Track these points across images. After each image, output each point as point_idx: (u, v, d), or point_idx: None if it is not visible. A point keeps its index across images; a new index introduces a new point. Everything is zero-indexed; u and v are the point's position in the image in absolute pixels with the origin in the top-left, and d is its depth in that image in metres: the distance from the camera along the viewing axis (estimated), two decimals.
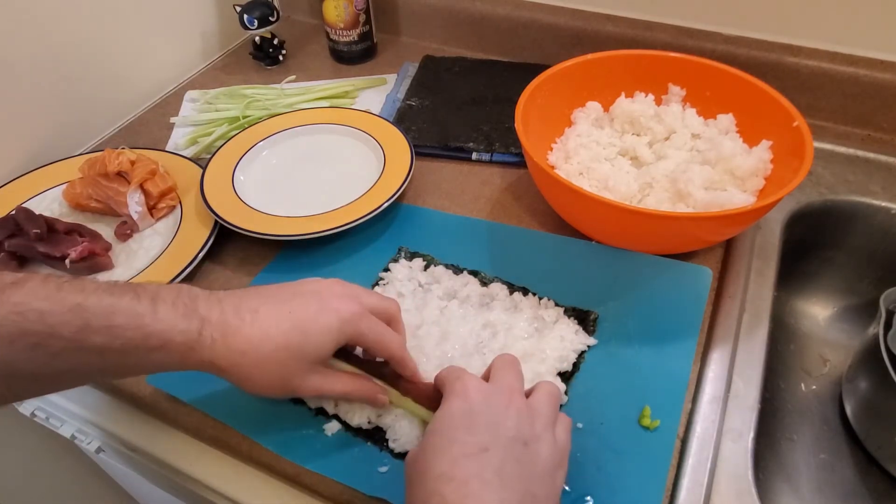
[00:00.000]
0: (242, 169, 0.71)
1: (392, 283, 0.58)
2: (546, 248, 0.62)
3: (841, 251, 0.72)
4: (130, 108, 0.87)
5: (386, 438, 0.47)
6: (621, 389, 0.50)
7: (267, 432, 0.49)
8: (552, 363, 0.50)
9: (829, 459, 0.64)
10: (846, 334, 0.75)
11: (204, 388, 0.51)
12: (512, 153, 0.74)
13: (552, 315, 0.54)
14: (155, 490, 0.69)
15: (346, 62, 0.94)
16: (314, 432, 0.49)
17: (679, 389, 0.50)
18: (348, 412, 0.49)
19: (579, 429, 0.47)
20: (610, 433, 0.47)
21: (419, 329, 0.53)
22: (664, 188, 0.61)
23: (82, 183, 0.68)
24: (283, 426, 0.49)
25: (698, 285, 0.57)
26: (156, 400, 0.53)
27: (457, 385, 0.41)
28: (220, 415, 0.50)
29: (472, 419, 0.39)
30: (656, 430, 0.47)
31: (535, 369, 0.50)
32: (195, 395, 0.51)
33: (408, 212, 0.68)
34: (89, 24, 0.79)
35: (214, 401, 0.51)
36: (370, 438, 0.48)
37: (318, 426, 0.49)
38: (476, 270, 0.59)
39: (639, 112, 0.68)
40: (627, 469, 0.45)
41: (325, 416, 0.49)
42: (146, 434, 0.55)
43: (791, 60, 0.74)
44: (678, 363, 0.52)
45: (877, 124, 0.74)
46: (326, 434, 0.48)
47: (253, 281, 0.62)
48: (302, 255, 0.63)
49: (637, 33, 0.80)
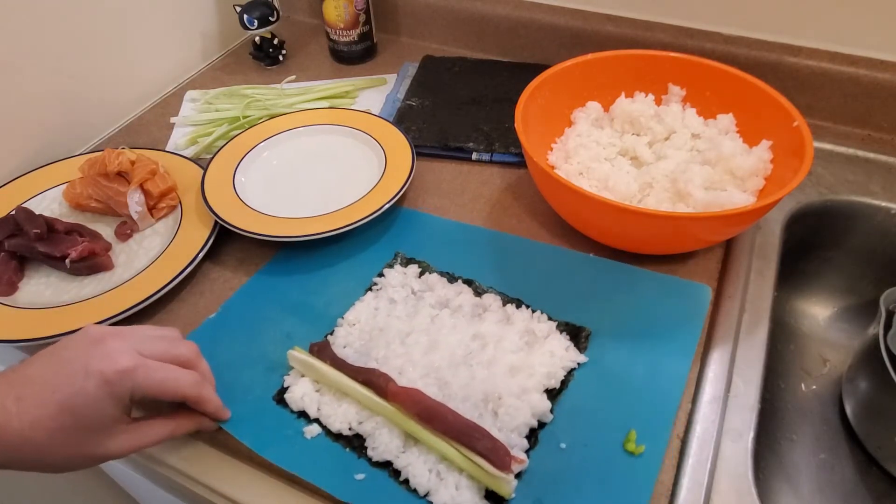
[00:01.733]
0: (243, 170, 0.71)
1: (385, 289, 0.58)
2: (544, 259, 0.61)
3: (841, 251, 0.72)
4: (130, 108, 0.87)
5: (365, 446, 0.47)
6: (608, 411, 0.49)
7: (246, 429, 0.49)
8: (540, 379, 0.49)
9: (829, 459, 0.64)
10: (846, 334, 0.75)
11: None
12: (512, 153, 0.74)
13: (544, 329, 0.53)
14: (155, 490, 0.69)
15: (346, 62, 0.94)
16: (293, 433, 0.49)
17: (668, 415, 0.48)
18: (329, 416, 0.49)
19: (562, 449, 0.47)
20: (593, 455, 0.46)
21: (408, 337, 0.53)
22: (664, 188, 0.61)
23: (82, 183, 0.68)
24: (264, 425, 0.49)
25: (697, 304, 0.56)
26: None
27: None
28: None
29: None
30: (640, 455, 0.46)
31: (522, 384, 0.49)
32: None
33: (407, 215, 0.67)
34: (89, 24, 0.79)
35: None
36: (349, 445, 0.48)
37: (299, 428, 0.49)
38: (470, 279, 0.59)
39: (639, 112, 0.68)
40: (607, 494, 0.44)
41: (307, 419, 0.50)
42: None
43: (791, 60, 0.74)
44: (669, 387, 0.50)
45: (877, 124, 0.74)
46: (306, 437, 0.48)
47: (249, 282, 0.62)
48: (301, 256, 0.63)
49: (637, 33, 0.80)
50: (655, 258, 0.60)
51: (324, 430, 0.49)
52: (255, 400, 0.51)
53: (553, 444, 0.47)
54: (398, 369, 0.50)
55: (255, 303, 0.59)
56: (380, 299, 0.57)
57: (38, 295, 0.61)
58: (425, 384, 0.49)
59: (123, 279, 0.61)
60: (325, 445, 0.48)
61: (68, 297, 0.61)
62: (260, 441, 0.48)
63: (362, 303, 0.57)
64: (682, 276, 0.59)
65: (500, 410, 0.47)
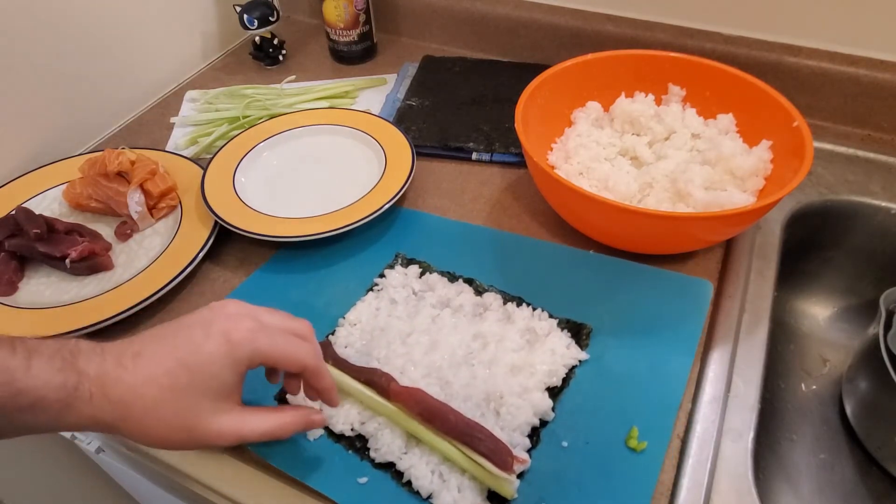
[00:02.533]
0: (243, 170, 0.71)
1: (386, 290, 0.58)
2: (544, 257, 0.61)
3: (841, 251, 0.72)
4: (130, 108, 0.87)
5: (368, 447, 0.47)
6: (610, 408, 0.49)
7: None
8: (541, 377, 0.49)
9: (829, 459, 0.64)
10: (846, 334, 0.75)
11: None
12: (512, 153, 0.74)
13: (545, 327, 0.53)
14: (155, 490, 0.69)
15: (346, 62, 0.94)
16: (296, 436, 0.48)
17: (670, 412, 0.48)
18: (332, 417, 0.48)
19: (564, 447, 0.47)
20: (595, 453, 0.46)
21: (409, 337, 0.53)
22: (664, 188, 0.61)
23: (82, 183, 0.68)
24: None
25: (698, 300, 0.56)
26: None
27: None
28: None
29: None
30: (643, 452, 0.46)
31: (523, 383, 0.49)
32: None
33: (407, 215, 0.67)
34: (89, 24, 0.79)
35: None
36: (352, 446, 0.48)
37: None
38: (471, 278, 0.59)
39: (639, 112, 0.68)
40: (610, 492, 0.44)
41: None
42: None
43: (791, 60, 0.74)
44: (671, 383, 0.50)
45: (877, 124, 0.74)
46: (308, 438, 0.48)
47: (247, 281, 0.62)
48: (300, 256, 0.63)
49: (637, 33, 0.80)
50: (655, 258, 0.60)
51: (326, 431, 0.49)
52: (256, 401, 0.51)
53: (555, 442, 0.47)
54: (399, 369, 0.50)
55: (255, 303, 0.58)
56: (381, 299, 0.57)
57: (38, 295, 0.61)
58: (427, 384, 0.49)
59: (123, 279, 0.61)
60: (328, 447, 0.48)
61: (68, 297, 0.61)
62: (263, 444, 0.48)
63: (363, 303, 0.57)
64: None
65: (501, 409, 0.47)
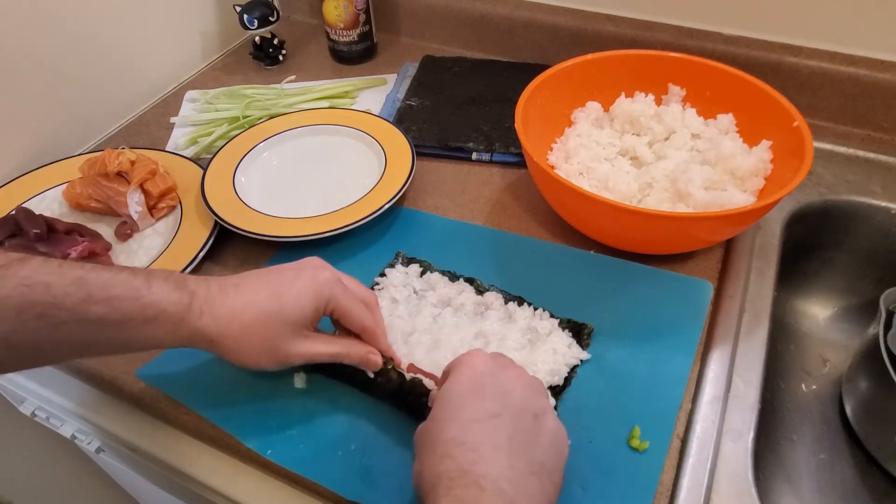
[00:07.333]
0: (243, 170, 0.71)
1: (387, 289, 0.58)
2: (545, 257, 0.61)
3: (841, 251, 0.72)
4: (130, 108, 0.87)
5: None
6: (612, 407, 0.49)
7: (250, 430, 0.49)
8: (543, 377, 0.49)
9: (829, 459, 0.64)
10: (846, 334, 0.75)
11: (193, 386, 0.52)
12: (512, 153, 0.74)
13: (546, 327, 0.53)
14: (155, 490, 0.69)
15: (346, 62, 0.94)
16: (297, 434, 0.48)
17: (671, 411, 0.48)
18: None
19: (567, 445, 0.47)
20: (597, 452, 0.46)
21: (410, 336, 0.53)
22: (664, 188, 0.61)
23: (82, 183, 0.68)
24: (267, 426, 0.49)
25: (698, 300, 0.56)
26: (155, 399, 0.53)
27: (465, 358, 0.43)
28: (197, 407, 0.51)
29: (480, 387, 0.40)
30: (645, 452, 0.46)
31: None
32: (186, 393, 0.52)
33: (407, 215, 0.67)
34: (89, 24, 0.79)
35: (193, 394, 0.52)
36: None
37: (303, 428, 0.49)
38: (472, 278, 0.59)
39: (639, 112, 0.68)
40: (612, 491, 0.44)
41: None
42: (146, 434, 0.55)
43: (791, 60, 0.74)
44: (672, 384, 0.50)
45: (877, 124, 0.74)
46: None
47: None
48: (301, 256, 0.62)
49: (637, 33, 0.80)
50: (655, 258, 0.60)
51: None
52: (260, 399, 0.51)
53: None
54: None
55: None
56: (382, 299, 0.57)
57: None
58: (429, 383, 0.49)
59: None
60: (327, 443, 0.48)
61: None
62: (264, 442, 0.48)
63: None
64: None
65: None
